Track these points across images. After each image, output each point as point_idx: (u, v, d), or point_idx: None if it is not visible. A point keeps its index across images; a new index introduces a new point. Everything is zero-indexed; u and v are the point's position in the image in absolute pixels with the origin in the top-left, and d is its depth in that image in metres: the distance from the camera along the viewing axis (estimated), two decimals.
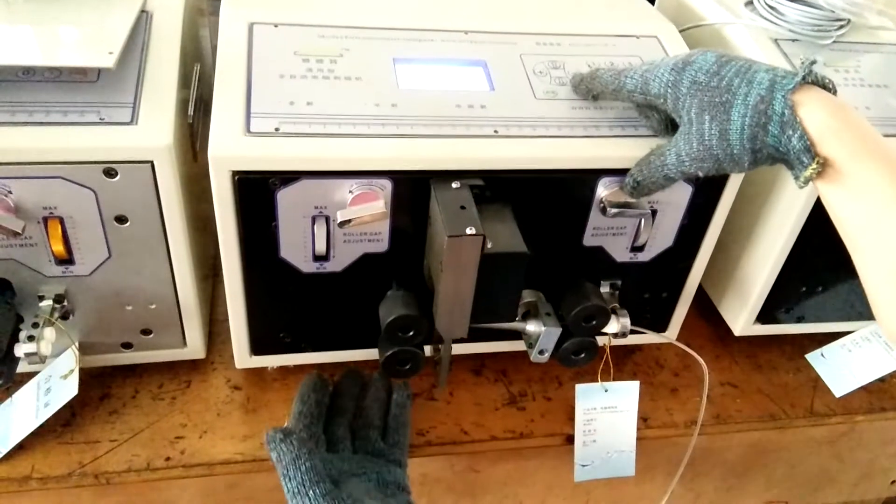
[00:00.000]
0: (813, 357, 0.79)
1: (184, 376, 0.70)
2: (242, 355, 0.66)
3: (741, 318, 0.76)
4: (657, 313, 0.72)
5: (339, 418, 0.61)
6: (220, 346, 0.72)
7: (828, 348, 0.79)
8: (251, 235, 0.57)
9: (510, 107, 0.60)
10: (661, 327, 0.74)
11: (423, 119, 0.58)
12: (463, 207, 0.54)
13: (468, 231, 0.52)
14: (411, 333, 0.60)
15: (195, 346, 0.67)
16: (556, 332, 0.62)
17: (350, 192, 0.56)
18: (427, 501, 0.57)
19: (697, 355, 0.69)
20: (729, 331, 0.78)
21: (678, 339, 0.73)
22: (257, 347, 0.66)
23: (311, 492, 0.50)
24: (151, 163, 0.55)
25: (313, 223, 0.57)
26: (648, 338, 0.73)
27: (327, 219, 0.57)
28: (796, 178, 0.50)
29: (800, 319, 0.77)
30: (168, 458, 0.63)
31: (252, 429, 0.66)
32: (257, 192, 0.55)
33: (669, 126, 0.59)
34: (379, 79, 0.60)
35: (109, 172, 0.54)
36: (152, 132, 0.55)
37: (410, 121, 0.58)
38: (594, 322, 0.63)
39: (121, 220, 0.57)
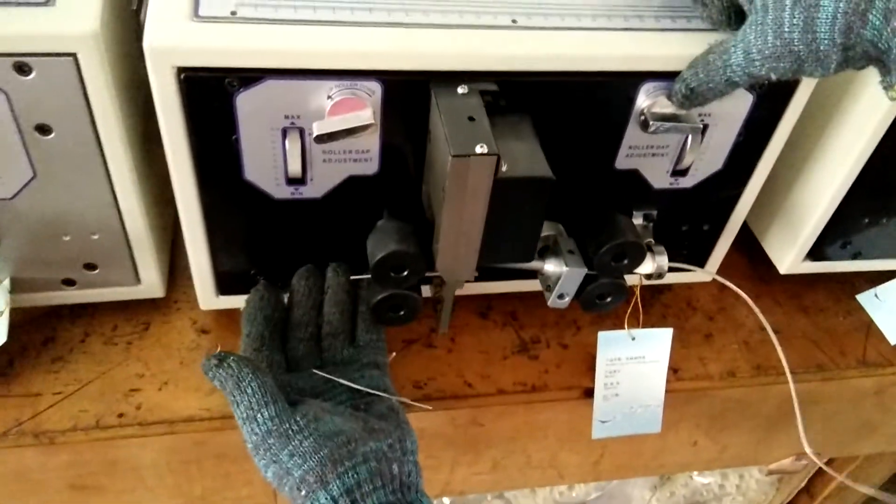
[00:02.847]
0: (866, 298, 0.70)
1: (142, 317, 0.60)
2: (207, 295, 0.56)
3: (789, 254, 0.65)
4: (695, 248, 0.62)
5: (298, 333, 0.52)
6: (185, 282, 0.62)
7: (883, 289, 0.69)
8: (206, 151, 0.46)
9: None
10: (698, 263, 0.63)
11: (423, 3, 0.46)
12: (471, 119, 0.42)
13: (478, 149, 0.40)
14: (406, 273, 0.49)
15: (151, 284, 0.57)
16: (580, 273, 0.52)
17: (329, 97, 0.44)
18: (423, 457, 0.49)
19: (746, 295, 0.59)
20: (770, 268, 0.68)
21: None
22: (224, 286, 0.55)
23: (259, 415, 0.43)
24: (74, 55, 0.43)
25: (284, 137, 0.46)
26: (682, 276, 0.62)
27: (301, 132, 0.46)
28: (889, 86, 0.39)
29: (856, 256, 0.67)
30: (121, 415, 0.54)
31: None
32: (210, 95, 0.43)
33: (733, 16, 0.47)
34: None
35: (22, 68, 0.43)
36: (74, 14, 0.42)
37: (406, 5, 0.45)
38: (626, 261, 0.52)
39: (43, 129, 0.46)
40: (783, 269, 0.66)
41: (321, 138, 0.44)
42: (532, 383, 0.59)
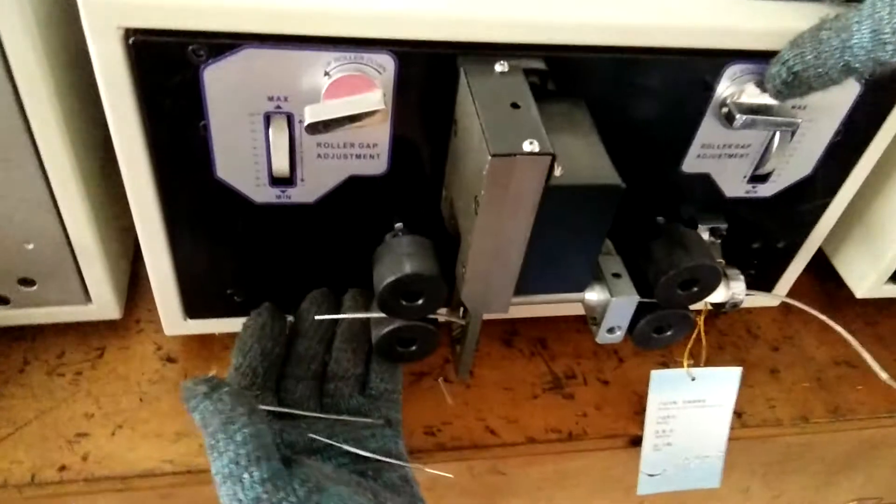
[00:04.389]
0: None
1: (95, 342, 0.49)
2: (172, 319, 0.45)
3: (868, 276, 0.55)
4: (765, 268, 0.51)
5: (298, 370, 0.42)
6: (149, 298, 0.51)
7: None
8: (165, 142, 0.36)
9: None
10: (765, 286, 0.53)
11: None
12: (515, 106, 0.32)
13: (526, 146, 0.30)
14: (420, 302, 0.39)
15: (104, 302, 0.46)
16: (632, 302, 0.42)
17: (326, 73, 0.34)
18: None
19: (832, 322, 0.48)
20: (840, 289, 0.57)
21: None
22: (194, 308, 0.45)
23: (246, 474, 0.32)
24: None
25: (267, 124, 0.36)
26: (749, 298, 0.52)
27: (290, 118, 0.36)
28: None
29: None
30: (63, 468, 0.43)
31: (188, 422, 0.45)
32: (169, 67, 0.33)
33: None
34: None
35: None
36: None
37: None
38: (695, 289, 0.42)
39: None
40: (860, 292, 0.56)
41: (315, 127, 0.33)
42: (568, 430, 0.49)
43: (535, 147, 0.30)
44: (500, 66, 0.34)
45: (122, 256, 0.48)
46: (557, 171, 0.31)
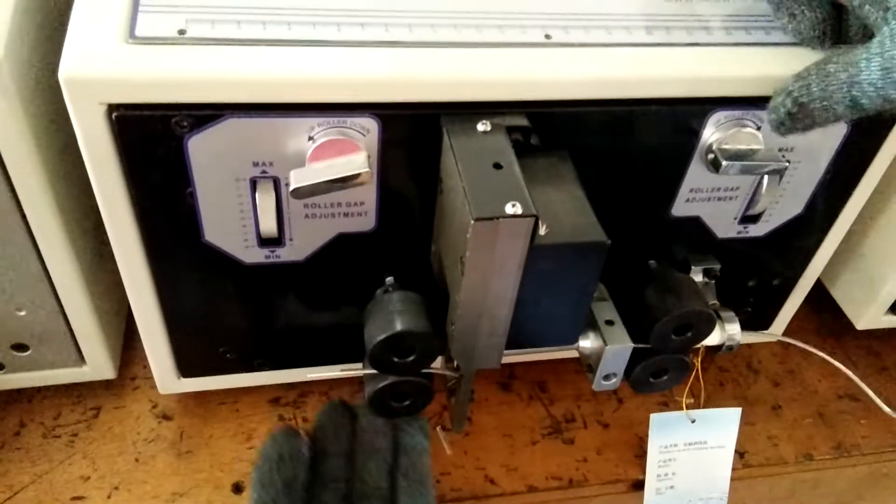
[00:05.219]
0: None
1: (90, 401, 0.49)
2: (166, 378, 0.45)
3: (868, 307, 0.55)
4: (761, 306, 0.51)
5: (324, 494, 0.41)
6: (144, 354, 0.51)
7: None
8: (152, 211, 0.36)
9: None
10: (762, 323, 0.53)
11: (429, 15, 0.35)
12: (498, 166, 0.32)
13: (508, 209, 0.30)
14: (412, 358, 0.39)
15: (98, 364, 0.46)
16: (627, 350, 0.41)
17: (311, 138, 0.34)
18: None
19: (829, 357, 0.48)
20: (841, 322, 0.57)
21: None
22: (187, 367, 0.45)
23: None
24: None
25: (253, 189, 0.36)
26: (744, 336, 0.52)
27: (276, 182, 0.36)
28: None
29: None
30: None
31: (185, 482, 0.46)
32: (153, 139, 0.33)
33: (828, 32, 0.36)
34: None
35: None
36: None
37: (407, 17, 0.35)
38: (690, 334, 0.41)
39: None
40: (861, 325, 0.56)
41: (300, 192, 0.33)
42: (569, 476, 0.49)
43: (518, 209, 0.30)
44: (483, 126, 0.34)
45: (115, 314, 0.48)
46: (542, 231, 0.31)
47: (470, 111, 0.35)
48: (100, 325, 0.44)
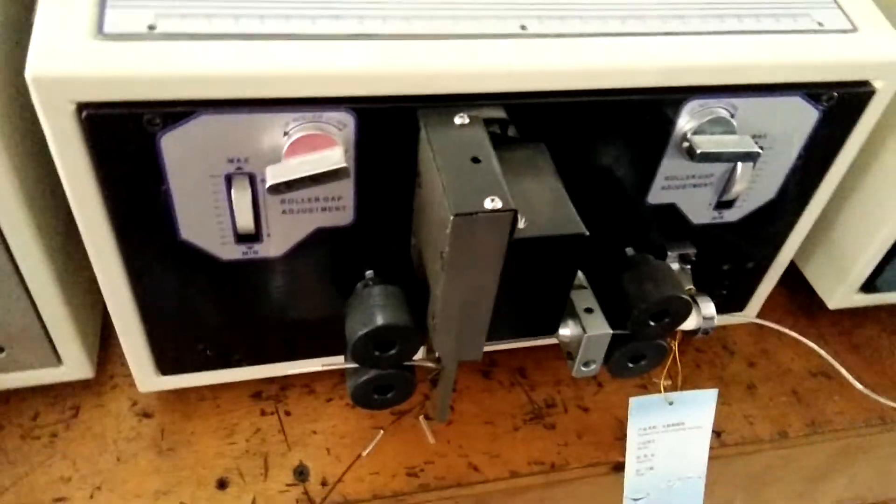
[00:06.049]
0: None
1: (69, 400, 0.49)
2: (145, 376, 0.45)
3: (839, 287, 0.56)
4: (736, 288, 0.52)
5: None
6: (121, 351, 0.51)
7: None
8: (126, 210, 0.35)
9: None
10: (736, 305, 0.54)
11: (403, 6, 0.35)
12: (476, 160, 0.32)
13: (487, 204, 0.30)
14: (394, 351, 0.39)
15: (76, 363, 0.46)
16: (605, 337, 0.42)
17: (286, 133, 0.34)
18: None
19: (801, 336, 0.49)
20: (814, 300, 0.58)
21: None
22: (166, 364, 0.45)
23: None
24: None
25: (228, 185, 0.35)
26: (719, 318, 0.53)
27: (252, 178, 0.35)
28: None
29: None
30: None
31: (168, 479, 0.46)
32: (125, 138, 0.32)
33: None
34: None
35: None
36: None
37: (380, 9, 0.35)
38: (667, 320, 0.42)
39: None
40: (832, 304, 0.57)
41: (277, 188, 0.33)
42: (551, 461, 0.49)
43: (497, 204, 0.30)
44: (460, 119, 0.34)
45: (90, 309, 0.48)
46: (521, 224, 0.32)
47: (447, 104, 0.34)
48: (76, 325, 0.44)
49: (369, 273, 0.41)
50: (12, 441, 0.46)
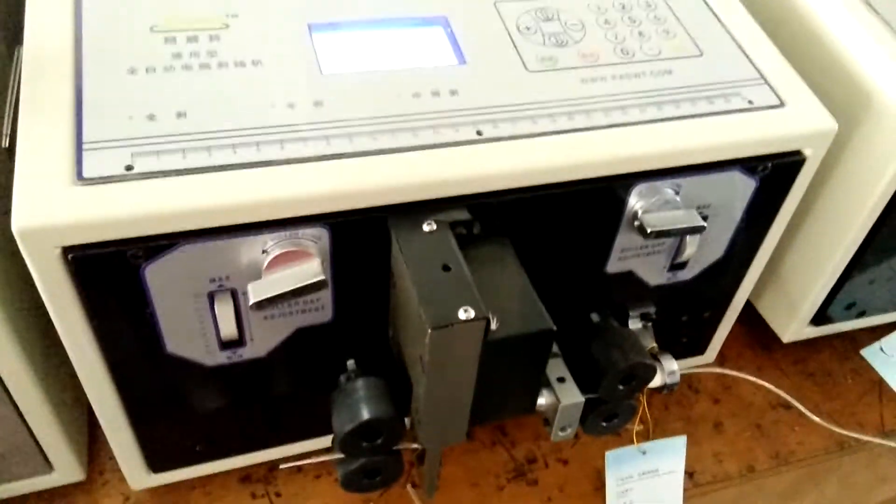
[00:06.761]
0: (871, 353, 0.64)
1: (60, 501, 0.49)
2: (136, 475, 0.46)
3: (792, 322, 0.59)
4: (695, 336, 0.55)
5: None
6: (110, 447, 0.52)
7: (888, 342, 0.64)
8: (113, 334, 0.37)
9: (493, 89, 0.40)
10: (698, 349, 0.57)
11: (365, 123, 0.37)
12: (447, 268, 0.34)
13: (461, 315, 0.32)
14: (381, 440, 0.41)
15: (67, 468, 0.46)
16: (578, 405, 0.44)
17: (264, 251, 0.36)
18: None
19: (753, 377, 0.52)
20: (769, 332, 0.62)
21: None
22: (157, 463, 0.46)
23: None
24: None
25: (212, 302, 0.37)
26: (682, 362, 0.56)
27: (234, 293, 0.37)
28: None
29: (861, 315, 0.61)
30: None
31: None
32: (110, 273, 0.34)
33: None
34: (289, 61, 0.39)
35: None
36: None
37: (345, 128, 0.37)
38: (634, 383, 0.45)
39: None
40: (786, 337, 0.61)
41: (260, 305, 0.35)
42: None
43: (471, 314, 0.32)
44: (428, 226, 0.36)
45: (76, 407, 0.48)
46: (493, 325, 0.34)
47: (415, 211, 0.37)
48: (64, 433, 0.45)
49: (350, 363, 0.43)
50: None
